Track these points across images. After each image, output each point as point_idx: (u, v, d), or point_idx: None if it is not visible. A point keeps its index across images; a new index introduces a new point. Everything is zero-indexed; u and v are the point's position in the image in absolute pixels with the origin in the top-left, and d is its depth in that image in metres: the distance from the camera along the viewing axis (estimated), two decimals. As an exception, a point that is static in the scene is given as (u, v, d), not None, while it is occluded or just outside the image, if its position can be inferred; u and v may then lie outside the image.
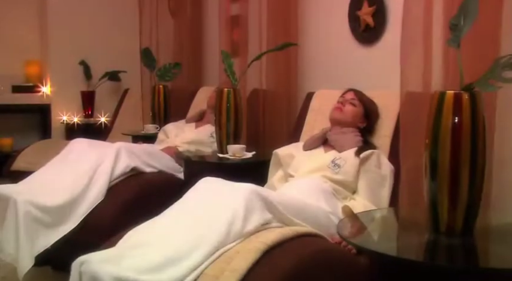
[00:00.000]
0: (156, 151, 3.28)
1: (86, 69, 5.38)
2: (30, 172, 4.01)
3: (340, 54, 3.38)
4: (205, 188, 2.05)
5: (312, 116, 2.93)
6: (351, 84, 3.12)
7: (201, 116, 3.81)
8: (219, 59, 4.52)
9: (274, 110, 3.58)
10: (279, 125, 3.56)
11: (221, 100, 3.07)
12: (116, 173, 2.95)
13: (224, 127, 3.07)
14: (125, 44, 5.41)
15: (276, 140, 3.53)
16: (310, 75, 3.58)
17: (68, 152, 3.12)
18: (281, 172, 2.68)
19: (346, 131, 2.60)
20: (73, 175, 2.93)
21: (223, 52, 3.19)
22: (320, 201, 2.27)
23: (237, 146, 2.95)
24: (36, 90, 5.39)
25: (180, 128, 3.74)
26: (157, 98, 4.29)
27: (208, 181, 2.09)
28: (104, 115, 5.29)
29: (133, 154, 3.06)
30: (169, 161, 3.29)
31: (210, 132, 3.60)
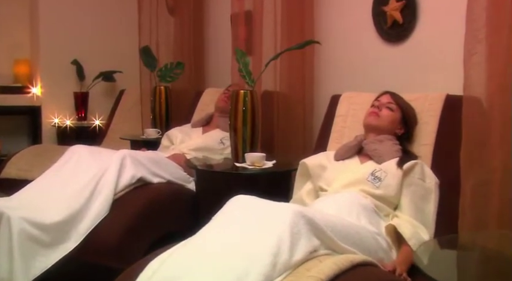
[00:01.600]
0: (163, 159, 2.94)
1: (79, 69, 5.01)
2: (21, 180, 3.68)
3: (363, 54, 3.08)
4: (239, 208, 1.72)
5: (339, 122, 2.61)
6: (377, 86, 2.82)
7: (208, 120, 3.47)
8: (225, 58, 4.21)
9: (289, 114, 3.27)
10: (293, 131, 3.25)
11: (236, 103, 2.75)
12: (120, 184, 2.61)
13: (240, 133, 2.74)
14: (121, 42, 5.07)
15: (290, 147, 3.22)
16: (329, 77, 3.27)
17: (66, 160, 2.77)
18: (310, 184, 2.35)
19: (383, 139, 2.29)
20: (73, 187, 2.59)
21: (238, 50, 2.86)
22: (362, 220, 1.96)
23: (256, 154, 2.62)
24: (26, 91, 5.02)
25: (185, 133, 3.40)
26: (158, 100, 3.95)
27: (241, 200, 1.76)
28: (98, 118, 4.92)
29: (139, 163, 2.72)
30: (178, 170, 2.96)
31: (220, 137, 3.27)
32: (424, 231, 2.02)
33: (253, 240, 1.54)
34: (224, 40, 4.23)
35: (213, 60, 4.42)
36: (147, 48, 4.05)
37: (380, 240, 1.89)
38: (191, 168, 2.78)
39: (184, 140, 3.33)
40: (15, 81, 5.11)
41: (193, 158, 2.91)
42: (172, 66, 3.97)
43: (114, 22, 5.11)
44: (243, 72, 2.81)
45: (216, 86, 4.09)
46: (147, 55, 4.02)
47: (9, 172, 3.72)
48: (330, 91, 3.19)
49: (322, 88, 3.27)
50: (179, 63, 3.97)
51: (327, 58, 3.26)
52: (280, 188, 2.75)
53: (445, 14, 2.68)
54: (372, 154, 2.25)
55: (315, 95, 3.31)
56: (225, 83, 4.11)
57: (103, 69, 5.02)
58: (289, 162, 2.80)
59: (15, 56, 5.15)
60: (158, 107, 3.94)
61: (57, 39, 4.94)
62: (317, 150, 2.60)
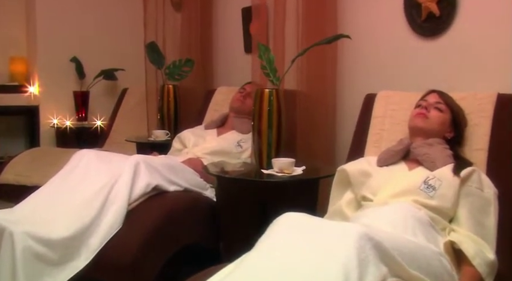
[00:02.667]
0: (178, 165, 2.65)
1: (79, 66, 4.71)
2: (19, 185, 3.40)
3: (393, 49, 2.81)
4: (293, 228, 1.44)
5: (377, 124, 2.34)
6: (411, 84, 2.58)
7: (223, 121, 3.19)
8: (236, 55, 3.95)
9: (311, 115, 2.99)
10: (316, 133, 2.98)
11: (261, 103, 2.48)
12: (134, 193, 2.33)
13: (265, 136, 2.46)
14: (123, 38, 4.79)
15: (313, 151, 2.94)
16: (355, 74, 3.00)
17: (72, 166, 2.48)
18: (350, 193, 2.08)
19: (432, 142, 2.03)
20: (82, 196, 2.30)
21: (262, 46, 2.58)
22: (418, 236, 1.69)
23: (285, 160, 2.35)
24: (23, 90, 4.72)
25: (199, 135, 3.12)
26: (166, 99, 3.66)
27: (292, 219, 1.48)
28: (99, 118, 4.63)
29: (154, 169, 2.44)
30: (194, 176, 2.68)
31: (237, 140, 3.00)
32: (487, 248, 1.75)
33: (315, 268, 1.27)
34: (234, 36, 3.96)
35: (222, 57, 4.14)
36: (154, 44, 3.76)
37: (444, 261, 1.63)
38: (212, 175, 2.49)
39: (198, 143, 3.05)
40: (11, 80, 4.81)
41: (210, 164, 2.62)
42: (180, 63, 3.68)
43: (115, 17, 4.82)
44: (267, 69, 2.53)
45: (227, 85, 3.81)
46: (153, 52, 3.73)
47: (6, 178, 3.44)
48: (355, 90, 2.94)
49: (347, 87, 3.01)
50: (188, 60, 3.69)
51: (352, 54, 2.99)
52: (307, 197, 2.48)
53: (488, 4, 2.42)
54: (423, 159, 1.98)
55: (338, 94, 3.04)
56: (236, 81, 3.83)
57: (104, 67, 4.72)
58: (318, 168, 2.54)
59: (11, 53, 4.86)
60: (166, 107, 3.66)
61: (56, 35, 4.65)
62: (352, 155, 2.33)
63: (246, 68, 3.91)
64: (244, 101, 3.15)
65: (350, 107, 3.00)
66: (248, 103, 3.15)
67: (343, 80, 3.04)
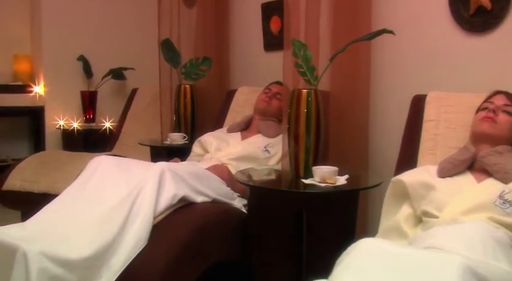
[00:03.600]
0: (204, 172, 2.38)
1: (86, 65, 4.45)
2: (26, 192, 3.13)
3: (436, 46, 2.56)
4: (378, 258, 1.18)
5: (430, 129, 2.09)
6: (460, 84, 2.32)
7: (247, 124, 2.93)
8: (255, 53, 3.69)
9: (342, 117, 2.74)
10: (348, 137, 2.72)
11: (298, 105, 2.22)
12: (160, 206, 2.07)
13: (302, 141, 2.20)
14: (132, 36, 4.54)
15: (345, 156, 2.69)
16: (393, 73, 2.74)
17: (89, 175, 2.22)
18: (407, 208, 1.82)
19: (502, 150, 1.77)
20: (101, 210, 2.04)
21: (296, 42, 2.32)
22: (500, 259, 1.43)
23: (328, 168, 2.09)
24: (27, 90, 4.45)
25: (221, 139, 2.86)
26: (183, 100, 3.39)
27: (375, 245, 1.22)
28: (108, 120, 4.36)
29: (180, 178, 2.17)
30: (221, 185, 2.41)
31: (263, 145, 2.74)
32: None
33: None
34: (253, 33, 3.71)
35: (239, 56, 3.88)
36: (169, 41, 3.50)
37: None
38: (246, 185, 2.23)
39: (221, 148, 2.79)
40: (15, 80, 4.54)
41: (238, 172, 2.36)
42: (197, 62, 3.41)
43: (125, 13, 4.57)
44: (304, 67, 2.27)
45: (245, 84, 3.55)
46: (168, 49, 3.47)
47: (13, 184, 3.16)
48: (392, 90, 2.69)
49: (382, 87, 2.75)
50: (206, 58, 3.42)
51: (389, 52, 2.73)
52: (348, 208, 2.23)
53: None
54: (494, 170, 1.73)
55: (372, 94, 2.78)
56: (255, 81, 3.58)
57: (112, 66, 4.46)
58: (358, 176, 2.28)
59: (15, 51, 4.59)
60: (183, 108, 3.39)
61: (62, 32, 4.39)
62: (403, 163, 2.07)
63: (266, 67, 3.68)
64: (270, 102, 2.90)
65: (385, 108, 2.75)
66: (274, 104, 2.91)
67: (377, 80, 2.78)
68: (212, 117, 3.59)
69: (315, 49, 2.55)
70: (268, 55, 3.67)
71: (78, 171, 3.08)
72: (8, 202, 3.24)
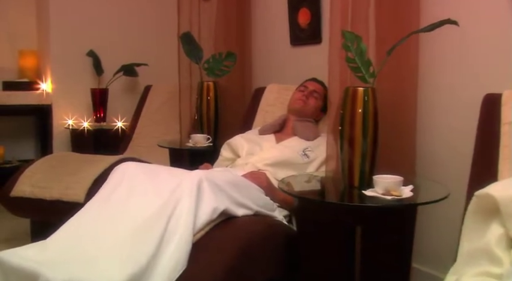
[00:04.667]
0: (243, 181, 2.08)
1: (96, 61, 4.14)
2: (37, 199, 2.82)
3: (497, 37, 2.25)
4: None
5: (510, 132, 1.78)
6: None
7: (282, 125, 2.63)
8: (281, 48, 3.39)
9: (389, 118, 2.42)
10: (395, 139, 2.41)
11: (354, 105, 1.92)
12: (199, 222, 1.77)
13: (358, 145, 1.91)
14: (145, 30, 4.25)
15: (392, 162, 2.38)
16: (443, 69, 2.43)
17: (114, 185, 1.92)
18: (498, 227, 1.51)
19: None
20: (131, 226, 1.74)
21: (348, 33, 2.02)
22: None
23: (392, 178, 1.80)
24: (34, 87, 4.14)
25: (253, 142, 2.56)
26: (205, 98, 3.09)
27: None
28: (120, 119, 4.05)
29: (219, 189, 1.88)
30: (260, 194, 2.12)
31: (302, 148, 2.44)
32: None
33: None
34: (278, 26, 3.42)
35: (262, 51, 3.58)
36: (189, 35, 3.19)
37: None
38: (298, 198, 1.93)
39: (254, 152, 2.49)
40: (21, 76, 4.24)
41: (281, 182, 2.05)
42: (221, 57, 3.11)
43: (137, 6, 4.25)
44: (357, 62, 1.97)
45: (272, 82, 3.26)
46: (189, 43, 3.16)
47: (22, 189, 2.86)
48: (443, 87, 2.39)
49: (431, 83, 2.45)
50: (230, 53, 3.12)
51: (439, 45, 2.43)
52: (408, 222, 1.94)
53: None
54: None
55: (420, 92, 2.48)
56: (282, 78, 3.29)
57: (123, 62, 4.14)
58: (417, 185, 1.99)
59: (20, 46, 4.28)
60: (206, 107, 3.09)
61: (70, 26, 4.09)
62: (479, 173, 1.77)
63: (293, 62, 3.38)
64: (307, 101, 2.61)
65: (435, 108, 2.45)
66: (311, 104, 2.62)
67: (426, 78, 2.48)
68: (235, 117, 3.29)
69: (364, 42, 2.24)
70: (295, 50, 3.38)
71: (92, 176, 2.80)
72: (17, 209, 2.94)
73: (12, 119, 4.26)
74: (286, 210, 2.24)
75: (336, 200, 1.88)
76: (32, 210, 2.89)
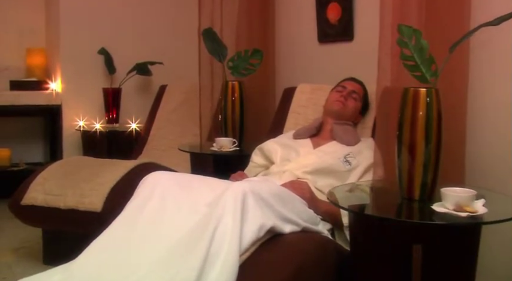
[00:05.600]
0: (286, 192, 1.85)
1: (108, 59, 3.91)
2: (51, 208, 2.59)
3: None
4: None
5: None
6: None
7: (318, 128, 2.40)
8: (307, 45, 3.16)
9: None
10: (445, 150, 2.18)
11: (415, 107, 1.70)
12: (245, 241, 1.54)
13: (420, 153, 1.68)
14: (160, 27, 4.01)
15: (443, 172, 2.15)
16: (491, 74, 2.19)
17: (145, 199, 1.69)
18: None
19: None
20: (167, 246, 1.51)
21: (405, 27, 1.78)
22: None
23: (464, 191, 1.57)
24: (43, 87, 3.92)
25: (288, 147, 2.33)
26: (230, 99, 2.85)
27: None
28: (135, 120, 3.82)
29: (264, 203, 1.65)
30: (304, 207, 1.89)
31: (343, 154, 2.21)
32: None
33: None
34: (305, 22, 3.19)
35: (287, 48, 3.35)
36: (211, 31, 2.96)
37: None
38: (352, 212, 1.69)
39: (290, 158, 2.26)
40: (29, 75, 4.02)
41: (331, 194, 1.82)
42: (247, 55, 2.88)
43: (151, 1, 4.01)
44: (416, 60, 1.74)
45: (299, 81, 3.02)
46: (211, 40, 2.93)
47: (34, 197, 2.63)
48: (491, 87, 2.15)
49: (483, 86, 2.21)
50: (256, 51, 2.90)
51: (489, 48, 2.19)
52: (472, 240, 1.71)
53: None
54: None
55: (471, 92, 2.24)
56: (309, 77, 3.06)
57: (137, 60, 3.92)
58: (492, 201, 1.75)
59: (28, 44, 4.05)
60: (230, 108, 2.85)
61: (81, 22, 3.87)
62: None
63: (321, 61, 3.16)
64: (346, 102, 2.38)
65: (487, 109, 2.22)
66: (350, 105, 2.39)
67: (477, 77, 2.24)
68: (260, 120, 3.07)
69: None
70: (323, 48, 3.15)
71: (110, 183, 2.57)
72: (28, 218, 2.71)
73: (20, 120, 4.05)
74: (329, 223, 2.01)
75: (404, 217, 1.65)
76: (45, 219, 2.66)
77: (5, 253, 2.98)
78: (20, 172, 3.87)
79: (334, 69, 3.03)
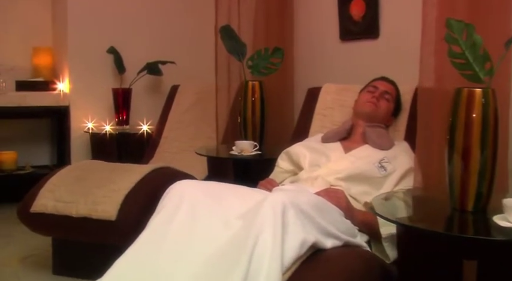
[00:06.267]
0: (323, 202, 1.68)
1: (118, 59, 3.74)
2: (62, 216, 2.42)
3: None
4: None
5: None
6: None
7: (349, 131, 2.23)
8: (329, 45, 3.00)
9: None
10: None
11: (469, 109, 1.53)
12: (286, 259, 1.38)
13: (474, 160, 1.52)
14: (172, 24, 3.84)
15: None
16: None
17: (173, 210, 1.53)
18: None
19: None
20: (200, 266, 1.34)
21: (455, 21, 1.61)
22: None
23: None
24: (50, 87, 3.75)
25: (317, 151, 2.16)
26: (250, 100, 2.69)
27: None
28: (146, 122, 3.65)
29: (305, 216, 1.48)
30: (342, 218, 1.72)
31: (378, 159, 2.05)
32: None
33: None
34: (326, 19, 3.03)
35: (307, 46, 3.18)
36: (229, 28, 2.80)
37: None
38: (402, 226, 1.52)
39: (320, 163, 2.09)
40: (35, 75, 3.86)
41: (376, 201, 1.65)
42: (267, 53, 2.71)
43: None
44: (468, 57, 1.57)
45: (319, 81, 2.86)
46: (229, 38, 2.76)
47: (44, 204, 2.47)
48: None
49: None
50: (277, 49, 2.73)
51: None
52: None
53: None
54: None
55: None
56: (333, 77, 2.89)
57: (147, 59, 3.74)
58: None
59: (34, 43, 3.88)
60: (250, 110, 2.69)
61: (89, 20, 3.70)
62: None
63: (343, 60, 3.00)
64: (378, 103, 2.21)
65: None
66: (383, 106, 2.23)
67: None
68: (281, 121, 2.90)
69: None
70: (346, 46, 2.99)
71: (124, 190, 2.40)
72: (38, 227, 2.55)
73: (26, 122, 3.89)
74: (366, 234, 1.85)
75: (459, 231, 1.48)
76: (55, 228, 2.50)
77: (12, 262, 2.81)
78: (26, 175, 3.72)
79: (358, 68, 2.87)
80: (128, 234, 2.31)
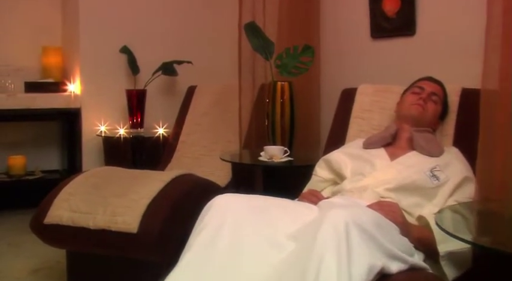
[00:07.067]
0: (381, 218, 1.47)
1: (131, 59, 3.54)
2: (78, 227, 2.22)
3: None
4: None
5: None
6: None
7: (393, 136, 2.03)
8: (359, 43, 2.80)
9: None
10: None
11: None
12: (353, 288, 1.16)
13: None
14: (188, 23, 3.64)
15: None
16: None
17: (217, 228, 1.33)
18: None
19: None
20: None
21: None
22: None
23: None
24: (60, 88, 3.56)
25: (360, 158, 1.96)
26: (279, 102, 2.49)
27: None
28: (161, 125, 3.45)
29: (369, 236, 1.28)
30: (400, 235, 1.52)
31: (429, 167, 1.84)
32: None
33: None
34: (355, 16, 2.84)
35: (334, 44, 2.98)
36: (255, 25, 2.60)
37: None
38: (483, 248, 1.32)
39: (364, 172, 1.88)
40: (44, 76, 3.67)
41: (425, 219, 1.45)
42: (296, 52, 2.52)
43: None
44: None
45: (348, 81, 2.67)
46: (255, 36, 2.56)
47: (59, 215, 2.27)
48: None
49: None
50: (307, 47, 2.54)
51: None
52: None
53: None
54: None
55: None
56: (364, 77, 2.69)
57: (163, 59, 3.54)
58: None
59: (43, 42, 3.69)
60: (279, 112, 2.49)
61: (101, 19, 3.51)
62: None
63: (373, 58, 2.80)
64: (425, 106, 2.01)
65: None
66: (430, 109, 2.03)
67: None
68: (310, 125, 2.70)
69: None
70: (377, 44, 2.80)
71: (146, 199, 2.20)
72: (52, 239, 2.35)
73: (36, 125, 3.71)
74: (422, 252, 1.64)
75: None
76: (71, 241, 2.30)
77: (23, 274, 2.62)
78: (36, 180, 3.55)
79: (392, 67, 2.68)
80: (150, 247, 2.13)
